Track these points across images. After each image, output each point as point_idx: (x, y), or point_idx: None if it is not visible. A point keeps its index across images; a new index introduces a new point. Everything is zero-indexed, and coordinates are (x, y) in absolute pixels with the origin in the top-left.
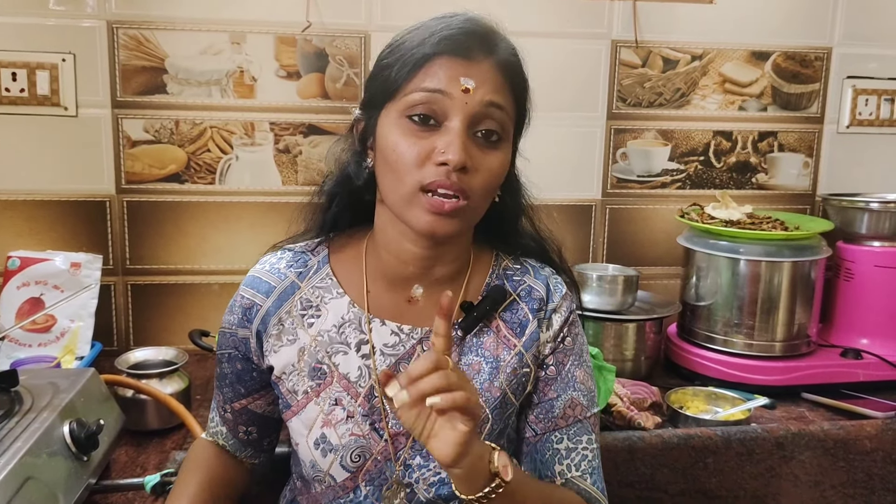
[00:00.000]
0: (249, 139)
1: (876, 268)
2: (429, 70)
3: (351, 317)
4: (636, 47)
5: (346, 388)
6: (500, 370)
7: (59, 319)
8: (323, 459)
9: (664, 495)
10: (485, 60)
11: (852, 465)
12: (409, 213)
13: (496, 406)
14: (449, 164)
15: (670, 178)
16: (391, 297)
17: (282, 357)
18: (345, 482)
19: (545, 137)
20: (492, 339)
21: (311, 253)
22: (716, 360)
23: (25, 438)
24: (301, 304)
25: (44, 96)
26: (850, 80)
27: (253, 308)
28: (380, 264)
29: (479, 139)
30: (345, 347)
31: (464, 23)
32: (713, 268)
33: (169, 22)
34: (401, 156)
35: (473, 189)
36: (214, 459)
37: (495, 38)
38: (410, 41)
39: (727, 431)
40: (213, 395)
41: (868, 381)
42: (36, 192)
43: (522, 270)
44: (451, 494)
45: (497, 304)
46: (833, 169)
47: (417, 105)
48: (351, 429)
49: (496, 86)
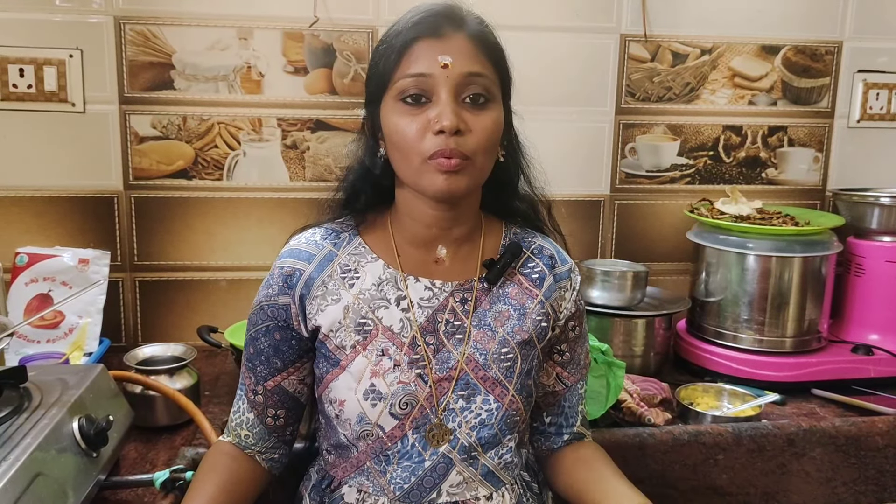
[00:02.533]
0: (257, 135)
1: (887, 263)
2: (410, 56)
3: (387, 276)
4: (645, 41)
5: (391, 338)
6: (527, 316)
7: (68, 316)
8: (372, 410)
9: (674, 492)
10: (455, 35)
11: (863, 462)
12: (423, 182)
13: (523, 347)
14: (445, 129)
15: (679, 173)
16: (420, 258)
17: (328, 315)
18: (393, 431)
19: (554, 132)
20: (516, 289)
21: (341, 228)
22: (726, 356)
23: (35, 435)
24: (340, 268)
25: (51, 92)
26: (861, 75)
27: (294, 275)
28: (405, 231)
29: (468, 104)
30: (385, 303)
31: (431, 6)
32: (723, 263)
33: (176, 17)
34: (403, 134)
35: (472, 148)
36: (232, 461)
37: (461, 12)
38: (390, 36)
39: (738, 428)
40: (230, 394)
41: (879, 377)
42: (44, 188)
43: (531, 234)
44: (491, 438)
45: (515, 256)
46: (843, 164)
47: (408, 88)
48: (398, 377)
49: (471, 55)
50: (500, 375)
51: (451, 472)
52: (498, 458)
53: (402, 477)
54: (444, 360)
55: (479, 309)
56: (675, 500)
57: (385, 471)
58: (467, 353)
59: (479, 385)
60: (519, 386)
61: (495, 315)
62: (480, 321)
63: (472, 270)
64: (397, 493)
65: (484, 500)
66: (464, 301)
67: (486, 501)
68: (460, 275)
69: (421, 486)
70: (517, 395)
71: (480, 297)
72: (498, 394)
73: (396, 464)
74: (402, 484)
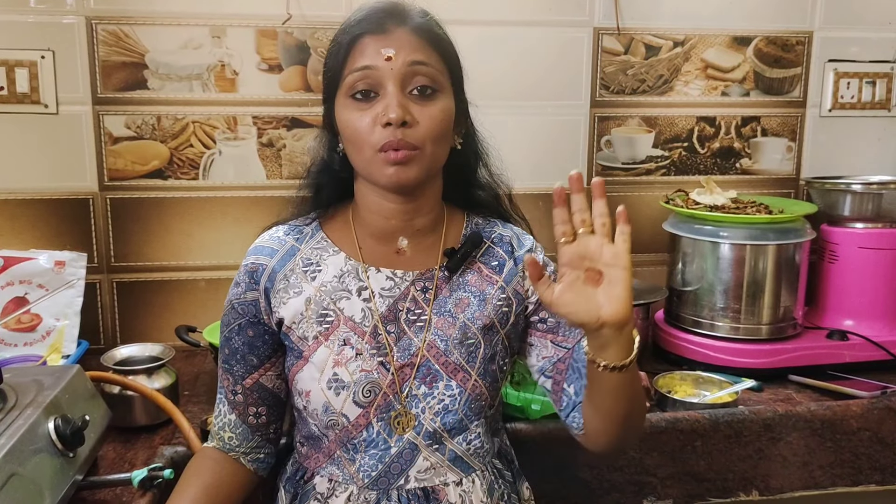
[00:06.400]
0: (232, 133)
1: (860, 249)
2: (355, 52)
3: (349, 268)
4: (618, 34)
5: (353, 328)
6: (487, 302)
7: (45, 318)
8: (336, 399)
9: (653, 479)
10: (398, 29)
11: (839, 445)
12: (375, 174)
13: (486, 332)
14: (391, 122)
15: (655, 164)
16: (381, 250)
17: (290, 308)
18: (358, 420)
19: (529, 126)
20: (475, 277)
21: (303, 225)
22: (703, 344)
23: (9, 435)
24: (302, 262)
25: (23, 94)
26: (832, 64)
27: (259, 270)
28: (366, 224)
29: (416, 95)
30: (347, 294)
31: (375, 4)
32: (699, 253)
33: (148, 17)
34: (354, 129)
35: (419, 139)
36: (216, 465)
37: (403, 7)
38: (338, 35)
39: (715, 414)
40: (209, 393)
41: (854, 361)
42: (18, 190)
43: (492, 224)
44: (456, 423)
45: (475, 246)
46: (816, 152)
47: (356, 84)
48: (361, 365)
49: (415, 46)
50: (462, 360)
51: (418, 458)
52: (466, 444)
53: (370, 465)
54: (406, 348)
55: (439, 297)
56: (654, 486)
57: (353, 459)
58: (428, 340)
59: (440, 371)
60: (482, 371)
61: (455, 302)
62: (441, 308)
63: (434, 260)
64: (365, 481)
65: (453, 485)
66: (424, 290)
67: (455, 487)
68: (421, 264)
69: (388, 473)
70: (480, 380)
71: (441, 286)
72: (460, 379)
73: (364, 451)
74: (369, 471)
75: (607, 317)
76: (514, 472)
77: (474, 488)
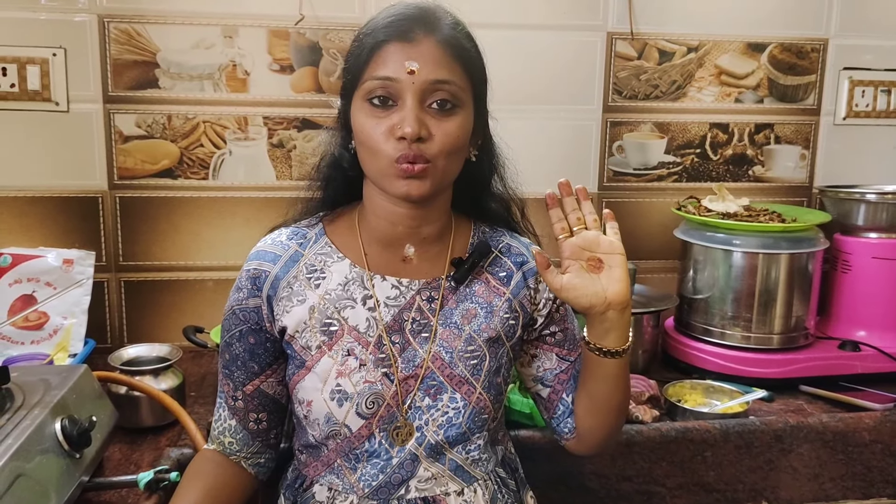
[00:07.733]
0: (243, 134)
1: (873, 259)
2: (378, 58)
3: (353, 276)
4: (632, 39)
5: (357, 338)
6: (494, 314)
7: (52, 317)
8: (339, 409)
9: (662, 489)
10: (426, 39)
11: (851, 458)
12: (386, 183)
13: (491, 345)
14: (406, 136)
15: (667, 170)
16: (387, 257)
17: (294, 316)
18: (360, 430)
19: (541, 130)
20: (483, 288)
21: (307, 228)
22: (713, 353)
23: (16, 436)
24: (306, 268)
25: (34, 91)
26: (847, 72)
27: (261, 276)
28: (372, 229)
29: (435, 109)
30: (351, 302)
31: (405, 7)
32: (710, 261)
33: (160, 16)
34: (369, 135)
35: (434, 153)
36: (217, 467)
37: (435, 15)
38: (362, 34)
39: (725, 424)
40: (216, 395)
41: (866, 372)
42: (27, 188)
43: (500, 233)
44: (458, 436)
45: (483, 256)
46: (830, 161)
47: (375, 90)
48: (364, 376)
49: (440, 62)
50: (467, 373)
51: (419, 469)
52: (465, 454)
53: (371, 474)
54: (410, 359)
55: (445, 307)
56: (663, 497)
57: (355, 468)
58: (433, 352)
59: (445, 383)
60: (487, 384)
61: (462, 313)
62: (447, 319)
63: (440, 269)
64: (366, 491)
65: (455, 495)
66: (430, 299)
67: (456, 497)
68: (428, 273)
69: (389, 483)
70: (485, 393)
71: (447, 296)
72: (465, 392)
73: (365, 461)
74: (370, 481)
75: (612, 296)
76: (519, 480)
77: (476, 498)
